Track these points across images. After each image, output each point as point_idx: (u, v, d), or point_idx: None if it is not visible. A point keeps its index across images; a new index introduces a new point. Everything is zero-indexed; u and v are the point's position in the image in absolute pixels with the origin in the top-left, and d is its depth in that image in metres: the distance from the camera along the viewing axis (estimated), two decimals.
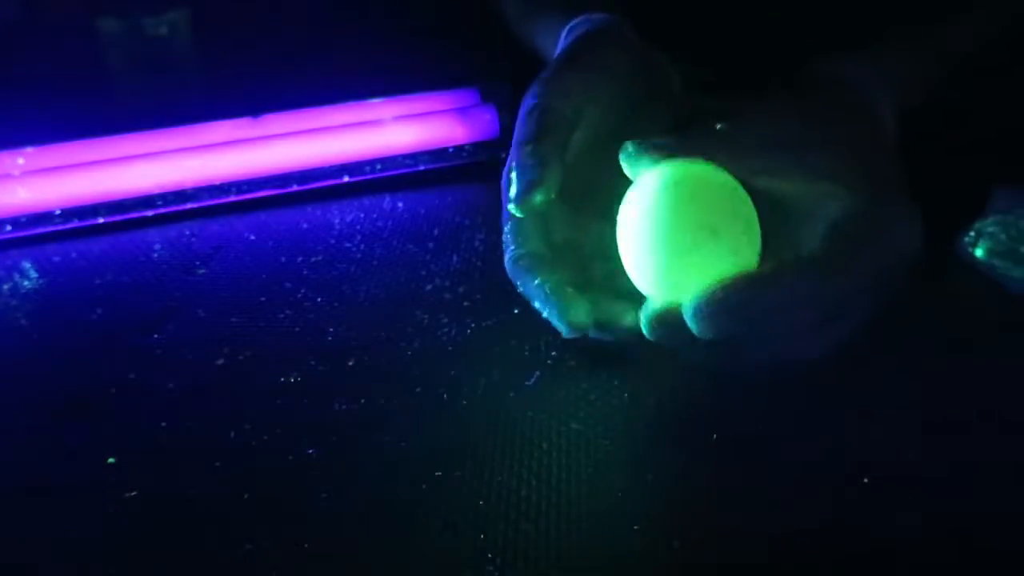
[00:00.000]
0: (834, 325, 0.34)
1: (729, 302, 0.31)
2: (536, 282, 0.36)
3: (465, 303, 0.43)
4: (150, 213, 0.51)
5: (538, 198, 0.35)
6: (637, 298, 0.34)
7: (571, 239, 0.38)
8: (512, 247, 0.37)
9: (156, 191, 0.51)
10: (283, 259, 0.47)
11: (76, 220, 0.50)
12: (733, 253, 0.32)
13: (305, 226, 0.51)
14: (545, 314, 0.36)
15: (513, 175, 0.36)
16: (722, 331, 0.31)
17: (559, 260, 0.37)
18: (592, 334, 0.35)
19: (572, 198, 0.38)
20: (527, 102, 0.38)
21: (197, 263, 0.47)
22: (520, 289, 0.37)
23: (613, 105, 0.39)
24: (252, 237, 0.49)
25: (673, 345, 0.33)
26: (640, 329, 0.33)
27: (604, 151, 0.37)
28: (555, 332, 0.40)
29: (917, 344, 0.40)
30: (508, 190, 0.36)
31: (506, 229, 0.37)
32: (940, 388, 0.37)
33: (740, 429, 0.35)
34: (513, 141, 0.37)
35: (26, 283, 0.46)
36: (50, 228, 0.49)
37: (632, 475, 0.33)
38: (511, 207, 0.36)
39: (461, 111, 0.56)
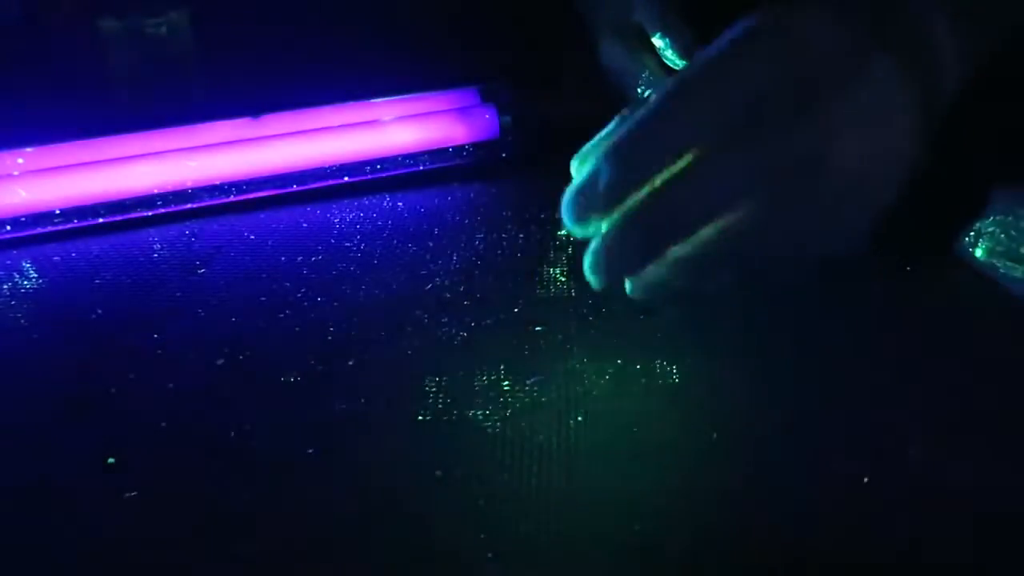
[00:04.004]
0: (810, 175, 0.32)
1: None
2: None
3: (465, 302, 0.43)
4: (150, 213, 0.51)
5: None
6: None
7: None
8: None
9: (156, 191, 0.51)
10: (283, 259, 0.47)
11: (76, 220, 0.50)
12: None
13: (305, 226, 0.51)
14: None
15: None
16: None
17: None
18: None
19: None
20: None
21: (197, 263, 0.47)
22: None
23: None
24: (252, 237, 0.49)
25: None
26: None
27: None
28: (554, 333, 0.40)
29: (917, 344, 0.40)
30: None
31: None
32: (940, 388, 0.37)
33: (740, 429, 0.35)
34: None
35: (26, 283, 0.46)
36: (50, 228, 0.49)
37: (632, 475, 0.33)
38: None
39: (461, 111, 0.56)
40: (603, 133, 0.36)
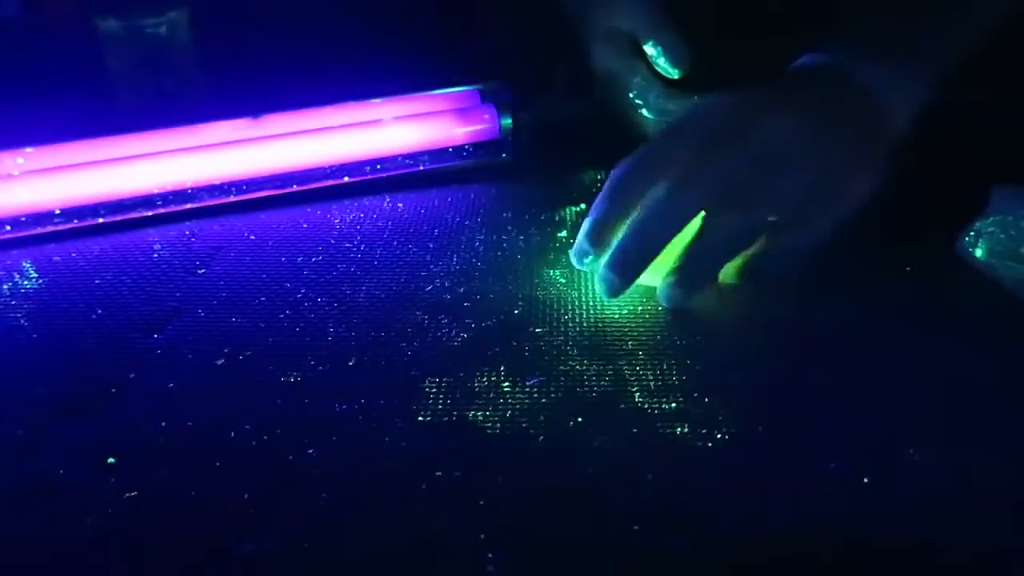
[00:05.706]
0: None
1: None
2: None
3: (465, 303, 0.43)
4: (150, 213, 0.51)
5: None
6: None
7: None
8: None
9: (156, 191, 0.51)
10: (283, 259, 0.47)
11: (76, 220, 0.50)
12: None
13: (305, 226, 0.51)
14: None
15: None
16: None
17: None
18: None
19: None
20: None
21: (197, 263, 0.47)
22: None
23: None
24: (252, 237, 0.50)
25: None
26: None
27: None
28: (554, 334, 0.40)
29: (917, 344, 0.40)
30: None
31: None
32: (940, 387, 0.37)
33: (740, 429, 0.35)
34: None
35: (26, 283, 0.46)
36: (50, 228, 0.49)
37: (632, 474, 0.33)
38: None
39: (461, 111, 0.56)
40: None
